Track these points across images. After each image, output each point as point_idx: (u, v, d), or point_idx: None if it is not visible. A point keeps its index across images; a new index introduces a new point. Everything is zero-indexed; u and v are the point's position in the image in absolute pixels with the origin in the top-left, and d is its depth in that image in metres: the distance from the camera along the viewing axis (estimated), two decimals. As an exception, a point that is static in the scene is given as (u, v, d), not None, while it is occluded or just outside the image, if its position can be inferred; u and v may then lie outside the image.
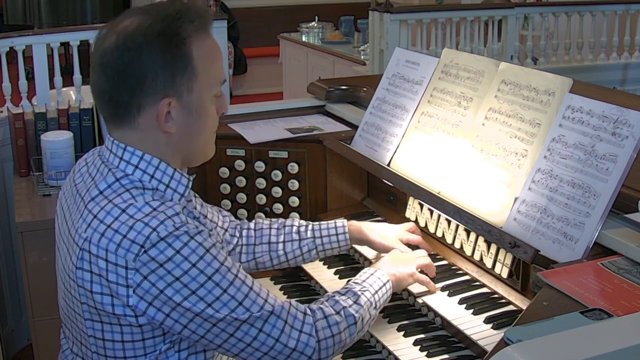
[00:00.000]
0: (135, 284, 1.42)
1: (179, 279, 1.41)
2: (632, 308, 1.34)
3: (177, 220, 1.44)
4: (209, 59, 1.54)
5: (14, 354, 3.57)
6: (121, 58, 1.47)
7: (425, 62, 2.22)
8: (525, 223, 1.71)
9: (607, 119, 1.64)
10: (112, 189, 1.49)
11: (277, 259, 2.00)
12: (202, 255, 1.44)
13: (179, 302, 1.43)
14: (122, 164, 1.53)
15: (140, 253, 1.41)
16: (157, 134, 1.53)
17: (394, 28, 4.91)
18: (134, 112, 1.51)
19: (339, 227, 2.01)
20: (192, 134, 1.57)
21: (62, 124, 3.34)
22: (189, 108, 1.53)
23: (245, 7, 8.64)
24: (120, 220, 1.43)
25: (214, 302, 1.44)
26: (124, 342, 1.50)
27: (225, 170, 2.41)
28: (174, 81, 1.49)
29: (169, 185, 1.55)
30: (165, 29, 1.48)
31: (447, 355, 1.72)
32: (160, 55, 1.47)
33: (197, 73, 1.51)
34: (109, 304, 1.45)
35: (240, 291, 1.47)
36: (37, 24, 8.18)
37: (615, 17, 5.56)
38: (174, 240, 1.42)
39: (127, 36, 1.47)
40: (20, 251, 2.93)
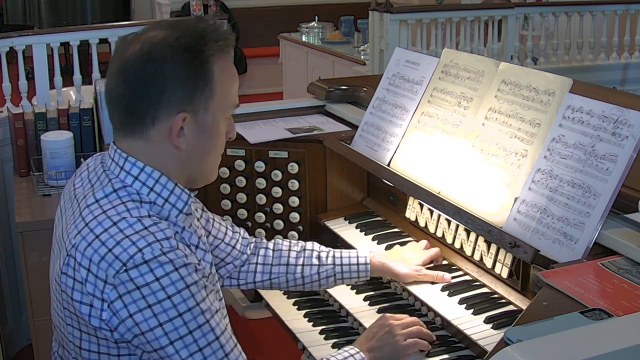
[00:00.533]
0: (110, 300, 1.41)
1: (151, 307, 1.40)
2: (632, 308, 1.34)
3: (166, 245, 1.42)
4: (228, 81, 1.55)
5: (14, 354, 3.57)
6: (144, 67, 1.46)
7: (425, 62, 2.22)
8: (525, 223, 1.71)
9: (607, 119, 1.64)
10: (109, 200, 1.48)
11: (293, 282, 1.97)
12: (180, 289, 1.41)
13: (143, 331, 1.41)
14: (122, 174, 1.52)
15: (121, 270, 1.39)
16: (167, 148, 1.52)
17: (394, 28, 4.91)
18: (148, 123, 1.49)
19: (361, 258, 1.97)
20: (201, 154, 1.56)
21: (62, 124, 3.34)
22: (202, 127, 1.52)
23: (245, 7, 8.65)
24: (110, 232, 1.42)
25: (176, 340, 1.42)
26: (100, 354, 1.49)
27: (225, 170, 2.41)
28: (193, 97, 1.49)
29: (168, 199, 1.53)
30: (192, 45, 1.48)
31: (447, 355, 1.72)
32: (183, 70, 1.47)
33: (215, 93, 1.51)
34: (87, 314, 1.44)
35: (205, 337, 1.44)
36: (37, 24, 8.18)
37: (615, 17, 5.56)
38: (157, 266, 1.40)
39: (153, 46, 1.47)
40: (20, 251, 2.93)
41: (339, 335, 1.92)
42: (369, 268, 1.96)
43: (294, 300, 2.12)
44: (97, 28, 4.17)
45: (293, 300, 2.12)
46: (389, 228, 2.25)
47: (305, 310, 2.07)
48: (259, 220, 2.41)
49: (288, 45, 6.94)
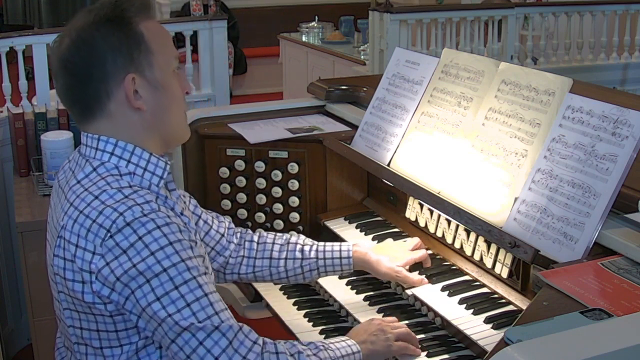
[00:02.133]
0: (97, 269, 1.44)
1: (136, 265, 1.43)
2: (632, 308, 1.34)
3: (147, 208, 1.46)
4: (159, 36, 1.60)
5: (14, 354, 3.57)
6: (79, 51, 1.54)
7: (425, 62, 2.22)
8: (525, 223, 1.71)
9: (607, 119, 1.64)
10: (89, 178, 1.53)
11: (277, 275, 1.99)
12: (163, 245, 1.44)
13: (132, 290, 1.44)
14: (98, 153, 1.57)
15: (107, 237, 1.43)
16: (130, 115, 1.57)
17: (394, 28, 4.91)
18: (104, 99, 1.55)
19: (344, 252, 1.98)
20: (162, 110, 1.60)
21: (62, 124, 3.34)
22: (154, 84, 1.58)
23: (245, 7, 8.64)
24: (92, 206, 1.47)
25: (163, 296, 1.43)
26: (99, 332, 1.52)
27: (225, 170, 2.41)
28: (132, 58, 1.55)
29: (146, 168, 1.57)
30: (111, 14, 1.54)
31: (447, 355, 1.72)
32: (113, 38, 1.53)
33: (152, 50, 1.57)
34: (80, 291, 1.47)
35: (192, 293, 1.44)
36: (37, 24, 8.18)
37: (615, 17, 5.56)
38: (139, 226, 1.44)
39: (79, 30, 1.55)
40: (20, 251, 2.93)
41: (338, 335, 1.92)
42: (352, 262, 1.98)
43: (294, 300, 2.12)
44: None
45: (293, 300, 2.13)
46: (389, 228, 2.25)
47: (305, 310, 2.07)
48: (259, 220, 2.41)
49: (288, 45, 6.94)
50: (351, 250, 1.99)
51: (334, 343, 1.66)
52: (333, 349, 1.63)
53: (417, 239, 2.06)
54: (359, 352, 1.67)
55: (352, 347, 1.67)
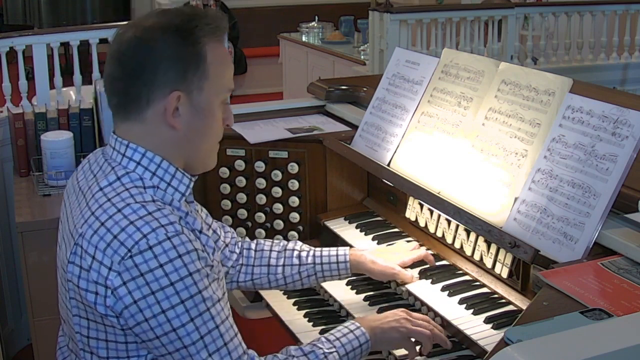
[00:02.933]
0: (114, 286, 1.42)
1: (154, 293, 1.41)
2: (632, 308, 1.34)
3: (171, 230, 1.43)
4: (221, 64, 1.56)
5: (14, 354, 3.57)
6: (137, 49, 1.50)
7: (425, 62, 2.22)
8: (525, 223, 1.71)
9: (607, 119, 1.64)
10: (112, 187, 1.50)
11: (275, 282, 1.99)
12: (183, 276, 1.43)
13: (147, 318, 1.43)
14: (125, 160, 1.54)
15: (126, 257, 1.41)
16: (163, 129, 1.54)
17: (394, 28, 4.91)
18: (143, 104, 1.52)
19: (340, 256, 1.98)
20: (196, 135, 1.57)
21: (62, 124, 3.34)
22: (197, 108, 1.54)
23: (245, 7, 8.64)
24: (114, 219, 1.44)
25: (179, 328, 1.43)
26: (108, 342, 1.50)
27: (225, 170, 2.41)
28: (185, 77, 1.51)
29: (170, 183, 1.55)
30: (182, 26, 1.51)
31: (447, 355, 1.72)
32: (174, 49, 1.50)
33: (208, 75, 1.53)
34: (93, 302, 1.46)
35: (206, 325, 1.45)
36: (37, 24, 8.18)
37: (615, 17, 5.56)
38: (161, 252, 1.41)
39: (145, 30, 1.51)
40: (20, 251, 2.93)
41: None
42: (349, 266, 1.98)
43: (294, 300, 2.12)
44: (97, 28, 4.16)
45: (293, 300, 2.12)
46: (389, 228, 2.25)
47: (305, 310, 2.07)
48: (259, 220, 2.41)
49: (288, 45, 6.94)
50: (348, 254, 1.98)
51: (340, 338, 1.65)
52: (337, 348, 1.63)
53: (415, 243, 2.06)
54: (367, 341, 1.66)
55: (360, 337, 1.66)
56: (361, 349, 1.66)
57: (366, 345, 1.67)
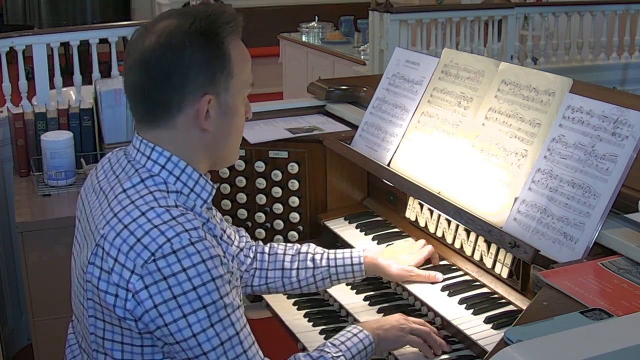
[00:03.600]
0: (135, 290, 1.41)
1: (176, 298, 1.40)
2: (632, 308, 1.34)
3: (195, 235, 1.43)
4: (243, 61, 1.57)
5: (14, 354, 3.57)
6: (165, 56, 1.48)
7: (425, 62, 2.22)
8: (525, 223, 1.71)
9: (607, 119, 1.64)
10: (136, 190, 1.49)
11: (289, 285, 1.98)
12: (205, 282, 1.42)
13: (167, 322, 1.42)
14: (149, 163, 1.53)
15: (149, 260, 1.40)
16: (194, 132, 1.54)
17: (394, 28, 4.91)
18: (174, 111, 1.51)
19: (355, 258, 1.97)
20: (224, 134, 1.58)
21: (62, 124, 3.34)
22: (224, 108, 1.55)
23: (245, 7, 8.62)
24: (138, 222, 1.43)
25: (199, 333, 1.42)
26: (124, 344, 1.50)
27: (225, 170, 2.41)
28: (214, 80, 1.51)
29: (193, 189, 1.54)
30: (207, 28, 1.50)
31: (447, 355, 1.72)
32: (202, 54, 1.49)
33: (233, 73, 1.54)
34: (112, 304, 1.45)
35: (226, 331, 1.44)
36: (37, 24, 8.18)
37: (615, 17, 5.56)
38: (185, 257, 1.41)
39: (170, 35, 1.49)
40: (20, 251, 2.93)
41: (339, 335, 1.92)
42: (363, 268, 1.97)
43: (294, 300, 2.12)
44: (97, 28, 4.17)
45: (293, 300, 2.12)
46: (389, 228, 2.25)
47: (305, 310, 2.07)
48: (259, 220, 2.41)
49: (288, 45, 6.94)
50: (362, 256, 1.98)
51: (345, 342, 1.65)
52: (343, 352, 1.63)
53: (423, 240, 2.06)
54: (371, 344, 1.67)
55: (364, 340, 1.66)
56: (366, 352, 1.66)
57: (370, 348, 1.67)
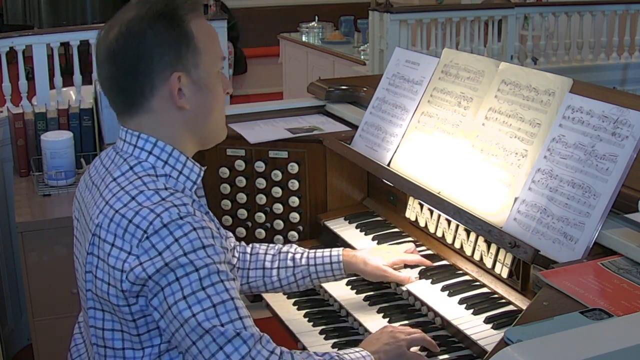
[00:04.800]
0: (130, 268, 1.44)
1: (168, 264, 1.42)
2: (632, 308, 1.34)
3: (183, 210, 1.46)
4: (208, 37, 1.60)
5: (14, 354, 3.57)
6: (127, 43, 1.52)
7: (425, 62, 2.22)
8: (525, 223, 1.71)
9: (607, 119, 1.64)
10: (125, 177, 1.52)
11: (271, 285, 2.00)
12: (197, 248, 1.44)
13: (162, 287, 1.43)
14: (136, 150, 1.56)
15: (143, 239, 1.43)
16: (172, 113, 1.57)
17: (394, 28, 4.91)
18: (148, 95, 1.55)
19: (334, 257, 1.99)
20: (205, 110, 1.61)
21: (62, 124, 3.34)
22: (199, 84, 1.58)
23: (245, 7, 8.64)
24: (129, 206, 1.47)
25: (190, 295, 1.42)
26: (123, 332, 1.52)
27: (225, 170, 2.41)
28: (180, 57, 1.54)
29: (182, 172, 1.58)
30: (164, 10, 1.54)
31: (447, 355, 1.72)
32: (164, 34, 1.53)
33: (200, 50, 1.56)
34: (106, 292, 1.48)
35: (219, 295, 1.44)
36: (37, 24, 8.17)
37: (615, 17, 5.56)
38: (176, 228, 1.44)
39: (129, 23, 1.53)
40: (20, 251, 2.93)
41: (339, 335, 1.92)
42: (342, 266, 1.98)
43: (294, 300, 2.12)
44: (97, 28, 4.12)
45: (293, 300, 2.13)
46: (389, 228, 2.25)
47: (305, 310, 2.07)
48: (259, 220, 2.41)
49: (288, 45, 6.94)
50: (341, 254, 1.99)
51: (349, 354, 1.64)
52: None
53: (412, 244, 2.07)
54: (370, 357, 1.65)
55: (366, 357, 1.65)
56: None
57: None
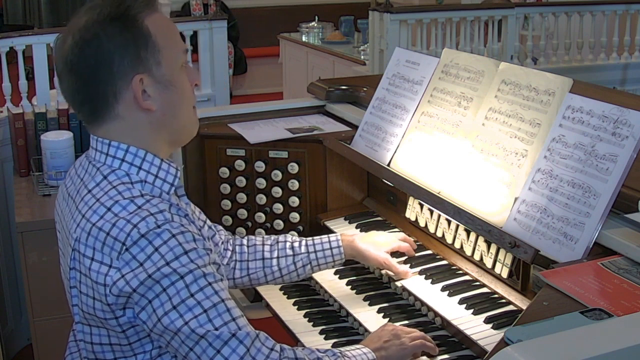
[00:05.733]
0: (112, 282, 1.41)
1: (152, 275, 1.40)
2: (632, 308, 1.34)
3: (160, 218, 1.43)
4: (166, 31, 1.56)
5: (14, 354, 3.57)
6: (83, 53, 1.48)
7: (425, 62, 2.22)
8: (525, 223, 1.71)
9: (607, 119, 1.64)
10: (100, 187, 1.49)
11: (271, 275, 1.99)
12: (178, 255, 1.41)
13: (149, 299, 1.41)
14: (109, 159, 1.53)
15: (123, 251, 1.41)
16: (140, 116, 1.53)
17: (394, 28, 4.91)
18: (111, 101, 1.51)
19: (333, 242, 1.99)
20: (172, 108, 1.57)
21: (62, 124, 3.34)
22: (162, 82, 1.54)
23: (245, 7, 8.64)
24: (105, 218, 1.44)
25: (180, 304, 1.40)
26: (112, 345, 1.50)
27: (225, 170, 2.41)
28: (140, 58, 1.50)
29: (158, 175, 1.54)
30: (116, 12, 1.49)
31: (447, 355, 1.72)
32: (119, 37, 1.48)
33: (159, 47, 1.52)
34: (92, 306, 1.45)
35: (209, 299, 1.42)
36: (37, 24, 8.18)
37: (615, 17, 5.56)
38: (155, 237, 1.41)
39: (82, 30, 1.49)
40: (20, 251, 2.93)
41: (339, 335, 1.92)
42: (342, 251, 1.99)
43: (294, 300, 2.12)
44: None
45: (293, 300, 2.12)
46: (389, 228, 2.25)
47: (305, 310, 2.07)
48: (259, 220, 2.41)
49: (288, 45, 6.94)
50: (340, 239, 2.00)
51: (350, 351, 1.64)
52: (350, 357, 1.62)
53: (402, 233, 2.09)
54: (372, 354, 1.66)
55: (368, 354, 1.65)
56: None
57: None
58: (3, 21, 8.51)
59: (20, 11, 8.40)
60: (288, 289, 2.16)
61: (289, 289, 2.16)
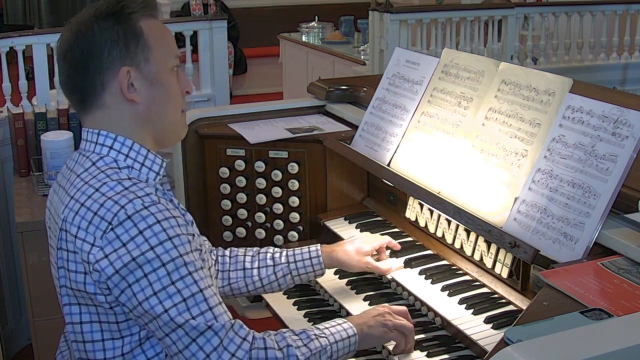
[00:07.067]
0: (95, 260, 1.46)
1: (135, 259, 1.45)
2: (632, 308, 1.34)
3: (147, 200, 1.48)
4: (159, 34, 1.63)
5: (14, 354, 3.57)
6: (77, 43, 1.58)
7: (425, 62, 2.22)
8: (525, 223, 1.71)
9: (607, 119, 1.64)
10: (89, 172, 1.56)
11: (252, 285, 1.99)
12: (162, 240, 1.47)
13: (129, 283, 1.46)
14: (97, 147, 1.60)
15: (107, 230, 1.46)
16: (124, 107, 1.60)
17: (394, 28, 4.91)
18: (99, 90, 1.59)
19: (312, 252, 2.00)
20: (157, 105, 1.63)
21: (62, 124, 3.34)
22: (149, 78, 1.60)
23: (245, 7, 8.64)
24: (93, 198, 1.49)
25: (160, 291, 1.46)
26: (101, 323, 1.54)
27: (225, 170, 2.41)
28: (129, 51, 1.58)
29: (144, 164, 1.61)
30: (113, 9, 1.59)
31: (447, 355, 1.72)
32: (111, 31, 1.57)
33: (150, 45, 1.60)
34: (82, 282, 1.50)
35: (189, 288, 1.48)
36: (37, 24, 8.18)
37: (615, 17, 5.56)
38: (140, 220, 1.46)
39: (79, 24, 1.59)
40: (20, 251, 2.93)
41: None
42: (322, 260, 2.00)
43: (294, 300, 2.13)
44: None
45: (293, 300, 2.13)
46: (389, 228, 2.25)
47: (305, 310, 2.07)
48: (259, 220, 2.42)
49: (288, 45, 6.94)
50: (319, 249, 2.01)
51: (329, 328, 1.67)
52: (326, 335, 1.65)
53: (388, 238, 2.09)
54: (354, 335, 1.69)
55: (348, 330, 1.68)
56: (349, 341, 1.68)
57: (354, 339, 1.69)
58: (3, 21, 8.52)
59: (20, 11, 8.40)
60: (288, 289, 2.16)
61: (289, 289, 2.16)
